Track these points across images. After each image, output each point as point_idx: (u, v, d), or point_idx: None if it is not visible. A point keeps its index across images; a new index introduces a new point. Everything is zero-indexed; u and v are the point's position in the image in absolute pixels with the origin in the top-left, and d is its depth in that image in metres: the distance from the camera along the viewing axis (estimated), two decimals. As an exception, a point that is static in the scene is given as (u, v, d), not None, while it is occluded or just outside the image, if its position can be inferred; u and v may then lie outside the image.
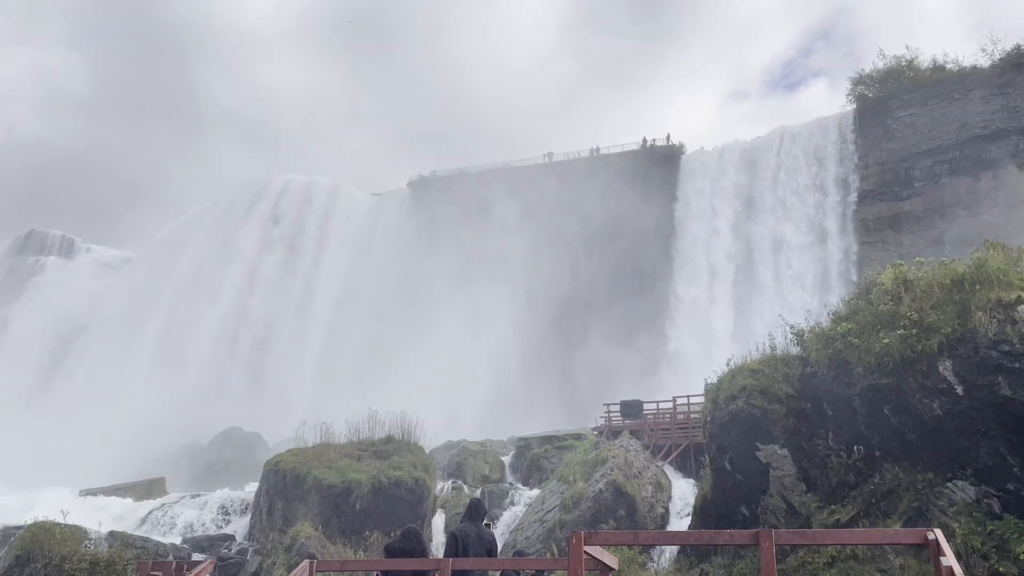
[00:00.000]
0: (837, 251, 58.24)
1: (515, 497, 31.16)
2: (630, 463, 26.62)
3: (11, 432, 52.04)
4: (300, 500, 25.98)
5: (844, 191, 59.48)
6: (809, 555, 16.26)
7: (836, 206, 59.43)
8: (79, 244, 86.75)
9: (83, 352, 69.40)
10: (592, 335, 64.38)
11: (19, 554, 15.60)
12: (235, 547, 26.32)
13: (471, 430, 45.13)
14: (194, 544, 26.45)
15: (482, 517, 10.78)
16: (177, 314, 70.96)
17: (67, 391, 62.87)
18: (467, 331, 62.00)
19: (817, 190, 60.59)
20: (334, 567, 13.10)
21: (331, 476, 26.09)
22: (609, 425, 38.01)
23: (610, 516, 24.25)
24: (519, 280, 67.47)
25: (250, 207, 79.50)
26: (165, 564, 10.59)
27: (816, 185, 60.77)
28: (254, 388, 64.60)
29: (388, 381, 55.75)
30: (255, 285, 74.69)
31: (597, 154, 73.98)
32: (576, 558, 7.96)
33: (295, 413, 42.62)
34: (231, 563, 23.45)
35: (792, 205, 61.13)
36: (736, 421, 20.34)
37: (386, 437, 28.96)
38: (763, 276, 60.38)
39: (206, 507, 31.52)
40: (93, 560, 13.04)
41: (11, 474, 39.59)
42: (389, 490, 25.81)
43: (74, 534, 15.74)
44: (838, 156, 60.66)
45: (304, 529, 23.20)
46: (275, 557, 22.64)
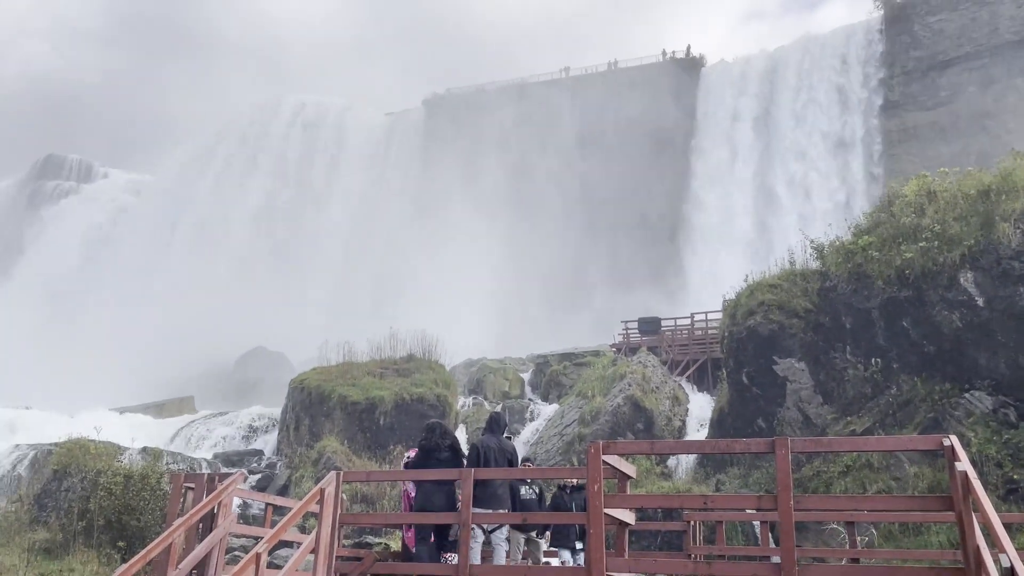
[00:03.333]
0: (860, 164, 57.15)
1: (534, 412, 31.74)
2: (648, 378, 26.93)
3: (41, 353, 53.36)
4: (325, 416, 26.63)
5: (869, 101, 57.95)
6: (824, 464, 16.56)
7: (860, 117, 58.00)
8: (97, 168, 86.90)
9: (107, 274, 70.29)
10: (610, 252, 64.28)
11: (56, 469, 16.22)
12: (264, 461, 27.18)
13: (490, 348, 45.61)
14: (224, 459, 27.32)
15: (502, 430, 10.99)
16: (197, 236, 71.45)
17: (93, 313, 63.99)
18: (485, 250, 62.04)
19: (841, 101, 59.04)
20: (360, 478, 13.52)
21: (355, 393, 26.65)
22: (627, 342, 38.30)
23: (628, 430, 24.69)
24: (536, 197, 67.05)
25: (264, 129, 78.87)
26: (197, 476, 10.95)
27: (840, 95, 59.20)
28: (275, 308, 65.32)
29: (407, 300, 56.25)
30: (271, 207, 74.75)
31: (615, 67, 72.25)
32: (595, 467, 8.13)
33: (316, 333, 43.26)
34: (261, 476, 24.25)
35: (815, 117, 59.70)
36: (754, 336, 20.44)
37: (407, 355, 29.39)
38: (783, 191, 59.51)
39: (234, 424, 32.42)
40: (127, 474, 13.54)
41: (42, 394, 40.71)
42: (412, 406, 26.37)
43: (108, 450, 16.31)
44: (863, 65, 58.86)
45: (330, 444, 23.86)
46: (303, 470, 23.36)
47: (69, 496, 14.51)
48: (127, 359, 51.53)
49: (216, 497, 9.85)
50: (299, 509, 9.43)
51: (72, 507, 13.42)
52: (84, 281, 70.34)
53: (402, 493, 11.08)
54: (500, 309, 57.60)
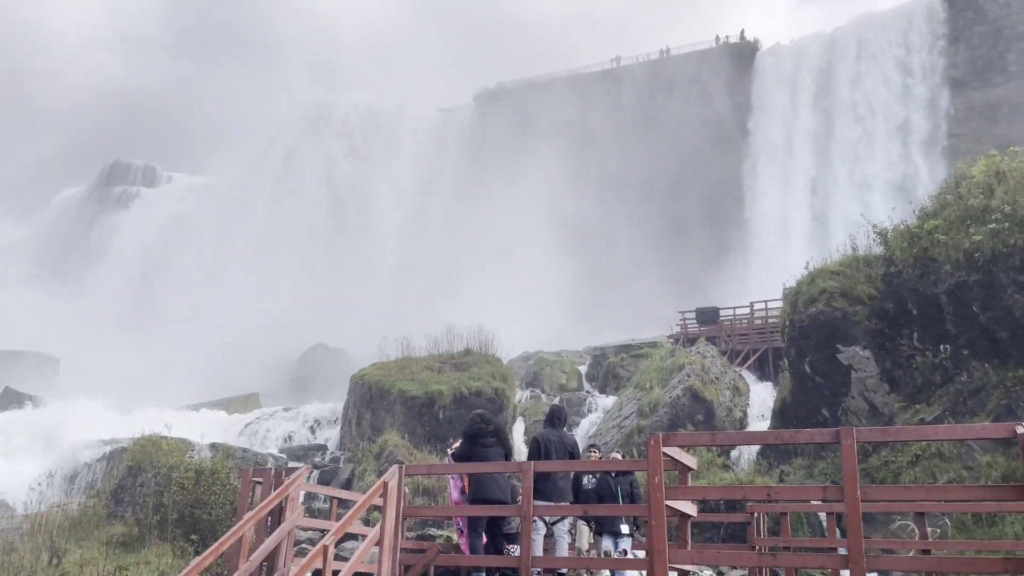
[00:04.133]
0: (923, 145, 55.36)
1: (592, 404, 31.68)
2: (707, 369, 26.62)
3: (111, 353, 55.27)
4: (386, 411, 27.00)
5: (932, 80, 56.06)
6: (892, 454, 16.17)
7: (923, 97, 56.15)
8: (161, 172, 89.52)
9: (173, 276, 72.42)
10: (666, 243, 63.62)
11: (131, 465, 16.82)
12: (328, 456, 27.73)
13: (547, 341, 45.62)
14: (290, 453, 27.97)
15: (563, 422, 11.02)
16: (257, 236, 73.09)
17: (161, 315, 66.01)
18: (540, 242, 62.04)
19: (902, 81, 57.25)
20: (421, 471, 13.71)
21: (414, 388, 26.97)
22: (685, 332, 37.93)
23: (688, 421, 24.47)
24: (590, 188, 66.75)
25: (320, 129, 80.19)
26: (265, 471, 11.27)
27: (901, 75, 57.39)
28: (335, 305, 66.35)
29: (463, 295, 56.58)
30: (329, 205, 75.99)
31: (667, 55, 71.37)
32: (655, 459, 8.11)
33: (374, 329, 43.87)
34: (325, 470, 24.74)
35: (875, 98, 58.01)
36: (816, 324, 20.05)
37: (464, 350, 29.59)
38: (843, 175, 58.03)
39: (298, 419, 33.12)
40: (198, 469, 13.96)
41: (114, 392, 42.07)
42: (470, 400, 26.56)
43: (179, 446, 16.86)
44: (926, 42, 56.92)
45: (391, 438, 24.21)
46: (365, 464, 23.75)
47: (143, 491, 15.05)
48: (195, 358, 53.08)
49: (284, 491, 10.12)
50: (363, 502, 9.63)
51: (147, 502, 13.92)
52: (151, 284, 72.62)
53: (451, 486, 11.16)
54: (556, 301, 57.54)
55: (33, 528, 13.86)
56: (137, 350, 57.34)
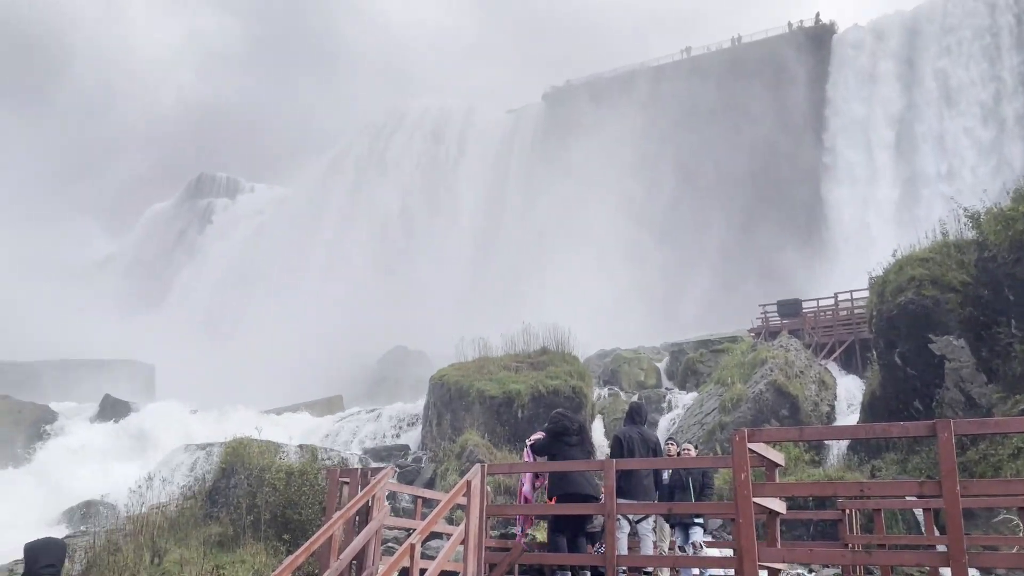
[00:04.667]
0: (1016, 122, 52.64)
1: (672, 401, 31.27)
2: (791, 363, 25.96)
3: (201, 360, 57.43)
4: (465, 411, 27.28)
5: (1022, 56, 53.27)
6: (992, 447, 15.45)
7: (1016, 75, 53.39)
8: (243, 184, 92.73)
9: (257, 283, 74.79)
10: (744, 235, 62.32)
11: (224, 467, 17.43)
12: (410, 456, 28.19)
13: (622, 338, 45.26)
14: (373, 454, 28.53)
15: (644, 419, 10.91)
16: (336, 241, 74.83)
17: (248, 321, 68.23)
18: (612, 239, 61.61)
19: (991, 56, 54.55)
20: (503, 470, 13.79)
21: (492, 387, 27.16)
22: (766, 326, 37.05)
23: (772, 416, 23.91)
24: (664, 181, 65.92)
25: (392, 135, 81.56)
26: (352, 471, 11.52)
27: (990, 53, 54.70)
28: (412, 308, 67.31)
29: (537, 294, 56.65)
30: (404, 209, 77.19)
31: (739, 43, 69.88)
32: (740, 456, 7.95)
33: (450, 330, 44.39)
34: (408, 470, 25.16)
35: (962, 77, 55.47)
36: (905, 313, 19.31)
37: (541, 348, 29.64)
38: (929, 159, 55.65)
39: (380, 420, 33.74)
40: (288, 470, 14.38)
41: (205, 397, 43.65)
42: (548, 399, 26.59)
43: (269, 448, 17.39)
44: (1015, 15, 54.12)
45: (471, 437, 24.44)
46: (447, 464, 24.04)
47: (237, 492, 15.58)
48: (280, 362, 54.67)
49: (370, 491, 10.33)
50: (447, 501, 9.74)
51: (240, 503, 14.41)
52: (236, 291, 75.13)
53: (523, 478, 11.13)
54: (631, 298, 57.07)
55: (135, 529, 14.50)
56: (225, 356, 59.41)
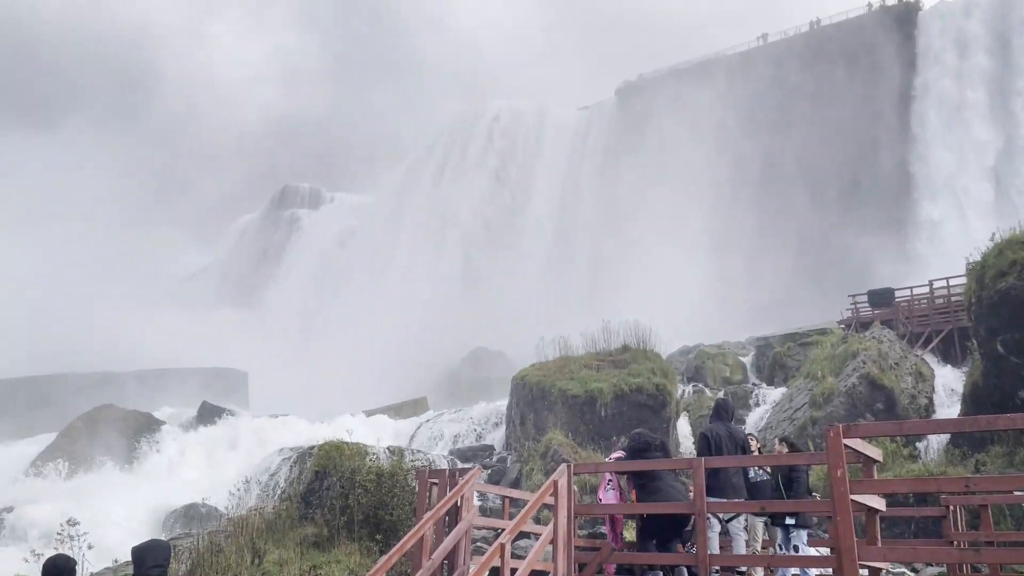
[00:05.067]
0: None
1: (759, 397, 30.59)
2: (884, 354, 25.04)
3: (291, 366, 59.25)
4: (548, 410, 27.31)
5: None
6: (1109, 440, 14.55)
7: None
8: (324, 193, 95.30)
9: (342, 290, 76.67)
10: (828, 224, 60.44)
11: (317, 470, 17.88)
12: (495, 456, 28.40)
13: (705, 333, 44.51)
14: (459, 455, 28.87)
15: (731, 416, 10.72)
16: (417, 247, 76.01)
17: (334, 326, 69.97)
18: (691, 233, 60.63)
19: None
20: (589, 469, 13.76)
21: (574, 387, 27.11)
22: (856, 317, 35.86)
23: (866, 410, 23.12)
24: (742, 174, 64.52)
25: (468, 138, 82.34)
26: (440, 472, 11.70)
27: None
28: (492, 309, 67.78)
29: (617, 291, 56.27)
30: (481, 212, 77.81)
31: (818, 26, 67.79)
32: (835, 452, 7.72)
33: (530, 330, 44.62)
34: (493, 470, 25.36)
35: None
36: (1008, 299, 18.40)
37: (622, 346, 29.42)
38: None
39: (464, 421, 34.10)
40: (378, 472, 14.66)
41: (297, 401, 45.04)
42: (631, 397, 26.38)
43: (359, 450, 17.74)
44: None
45: (555, 437, 24.44)
46: (532, 463, 24.11)
47: (330, 494, 15.97)
48: (366, 366, 55.93)
49: (459, 491, 10.47)
50: (535, 501, 9.78)
51: (333, 504, 14.76)
52: (322, 298, 77.21)
53: (603, 488, 11.03)
54: (712, 293, 56.05)
55: (236, 530, 15.03)
56: (313, 361, 61.11)
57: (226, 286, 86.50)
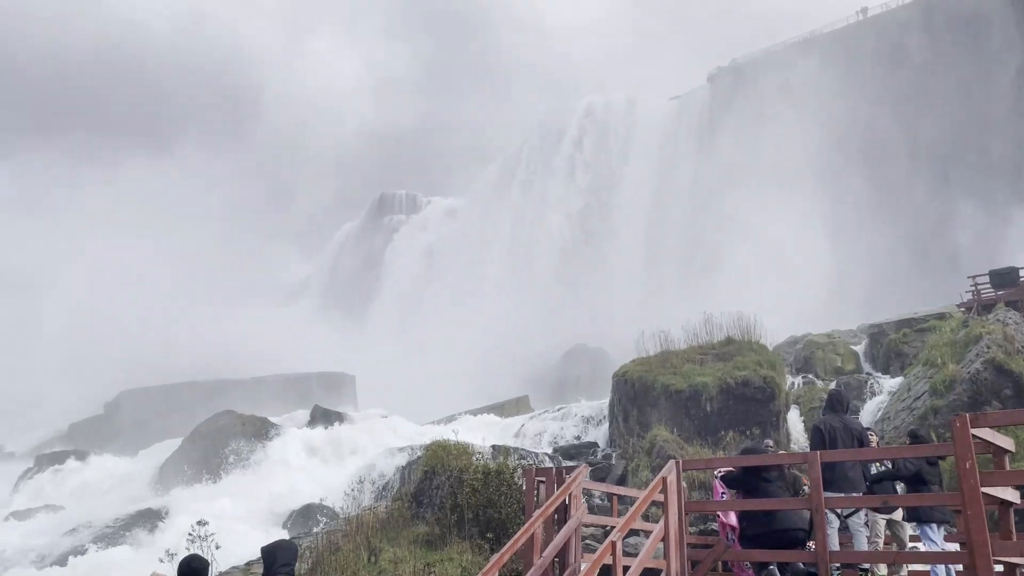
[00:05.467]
0: None
1: (875, 387, 29.32)
2: (1011, 337, 23.58)
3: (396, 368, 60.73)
4: (651, 406, 26.97)
5: None
6: None
7: None
8: (421, 199, 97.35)
9: (442, 291, 78.06)
10: (942, 203, 57.36)
11: (426, 469, 18.29)
12: (600, 453, 28.29)
13: (812, 322, 43.01)
14: (563, 452, 28.88)
15: (845, 407, 10.33)
16: (512, 246, 76.63)
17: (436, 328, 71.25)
18: (792, 218, 58.68)
19: None
20: (699, 465, 13.53)
21: (677, 381, 26.68)
22: (978, 299, 33.92)
23: (992, 397, 21.83)
24: (846, 154, 61.99)
25: (558, 136, 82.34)
26: (547, 470, 11.74)
27: None
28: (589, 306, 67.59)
29: (715, 282, 55.14)
30: (574, 209, 77.64)
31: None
32: (963, 442, 7.35)
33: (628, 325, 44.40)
34: (598, 468, 25.24)
35: None
36: None
37: (726, 339, 28.77)
38: None
39: (567, 419, 34.09)
40: (485, 471, 14.86)
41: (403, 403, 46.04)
42: (737, 390, 25.77)
43: (465, 449, 18.03)
44: None
45: (660, 433, 24.13)
46: (637, 460, 23.88)
47: (439, 493, 16.30)
48: (468, 366, 56.77)
49: (567, 489, 10.49)
50: (645, 498, 9.71)
51: (443, 503, 15.07)
52: (423, 300, 78.83)
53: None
54: (817, 280, 54.08)
55: (351, 529, 15.54)
56: (417, 362, 62.46)
57: (331, 293, 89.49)
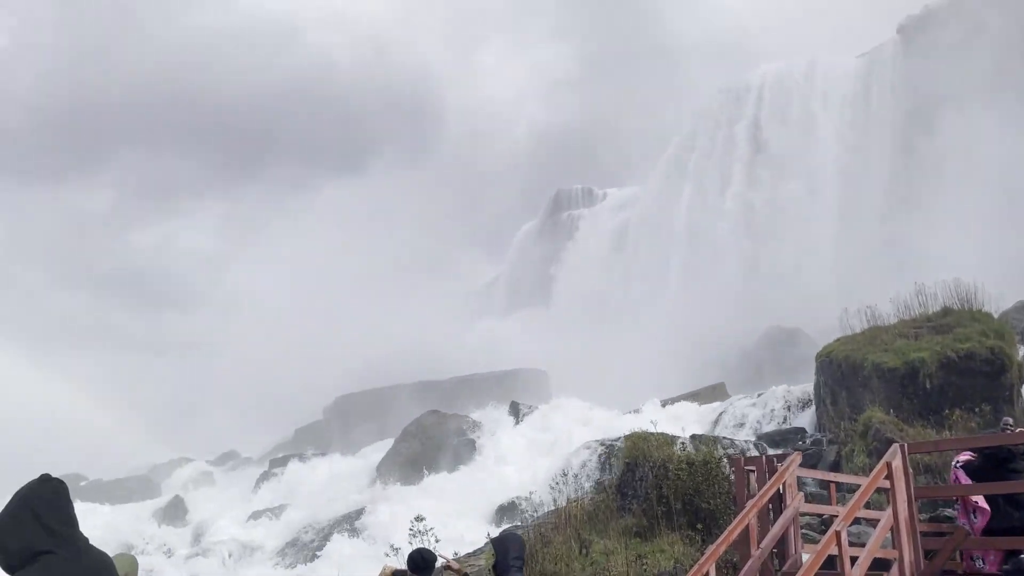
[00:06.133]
0: None
1: None
2: None
3: (585, 361, 61.17)
4: (861, 387, 25.41)
5: None
6: None
7: None
8: (596, 191, 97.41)
9: (625, 282, 77.68)
10: None
11: (628, 461, 18.32)
12: (808, 439, 27.00)
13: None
14: (767, 439, 27.84)
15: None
16: (692, 228, 74.77)
17: (624, 319, 71.10)
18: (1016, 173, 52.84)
19: None
20: (927, 448, 12.61)
21: (889, 359, 24.92)
22: None
23: None
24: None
25: (735, 110, 79.25)
26: (757, 459, 11.43)
27: None
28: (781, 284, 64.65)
29: (920, 252, 50.78)
30: (753, 182, 74.45)
31: None
32: None
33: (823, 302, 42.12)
34: (807, 454, 24.04)
35: None
36: None
37: (942, 309, 26.52)
38: None
39: (767, 405, 32.87)
40: (689, 461, 14.67)
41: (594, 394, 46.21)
42: (960, 365, 23.67)
43: (665, 439, 17.91)
44: None
45: (875, 415, 22.65)
46: (851, 445, 22.56)
47: (643, 484, 16.26)
48: (658, 355, 56.16)
49: (780, 478, 10.14)
50: (869, 485, 9.19)
51: (649, 494, 15.01)
52: (608, 291, 78.79)
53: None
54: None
55: (560, 522, 15.87)
56: (607, 353, 62.53)
57: (518, 291, 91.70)
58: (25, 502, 3.35)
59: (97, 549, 3.53)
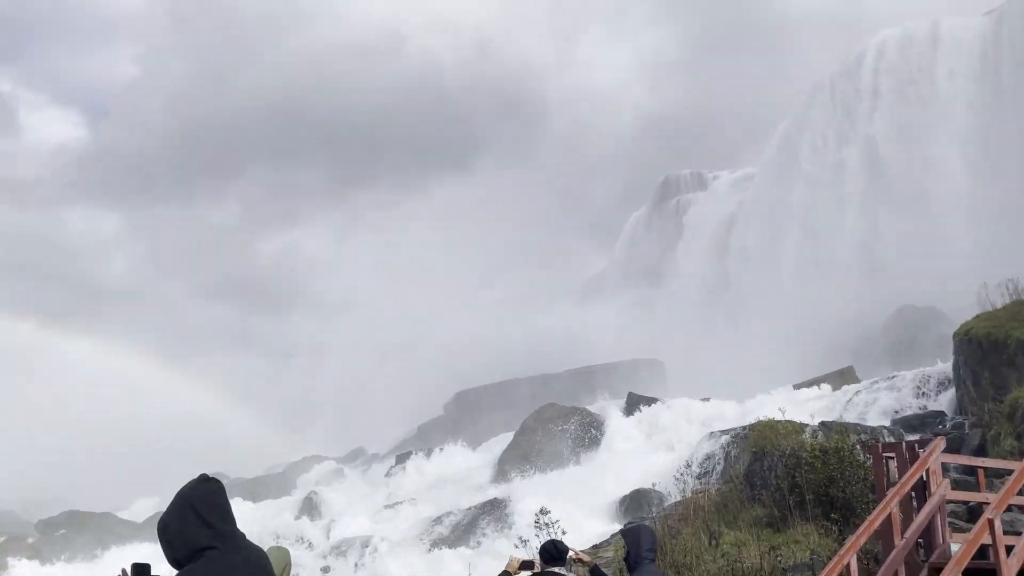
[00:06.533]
0: None
1: None
2: None
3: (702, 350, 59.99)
4: (1006, 365, 23.87)
5: None
6: None
7: None
8: (706, 175, 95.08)
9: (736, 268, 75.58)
10: None
11: (755, 450, 17.91)
12: (949, 422, 25.59)
13: None
14: (904, 424, 26.53)
15: None
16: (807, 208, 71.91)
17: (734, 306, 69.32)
18: None
19: None
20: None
21: (1038, 334, 23.32)
22: None
23: None
24: None
25: (850, 83, 75.51)
26: (895, 446, 10.94)
27: None
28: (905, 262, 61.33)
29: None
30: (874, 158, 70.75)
31: None
32: None
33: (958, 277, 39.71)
34: (950, 438, 22.76)
35: None
36: None
37: (1099, 277, 24.59)
38: None
39: (901, 388, 31.43)
40: (821, 448, 14.20)
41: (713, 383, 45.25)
42: None
43: (794, 427, 17.38)
44: None
45: (1023, 395, 21.22)
46: (997, 427, 21.23)
47: (773, 474, 15.84)
48: (781, 340, 54.44)
49: (923, 464, 9.70)
50: (1022, 470, 8.66)
51: (780, 484, 14.62)
52: (723, 276, 76.85)
53: None
54: None
55: (688, 513, 15.70)
56: (724, 340, 61.16)
57: (628, 282, 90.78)
58: (187, 501, 3.55)
59: (253, 544, 3.76)
